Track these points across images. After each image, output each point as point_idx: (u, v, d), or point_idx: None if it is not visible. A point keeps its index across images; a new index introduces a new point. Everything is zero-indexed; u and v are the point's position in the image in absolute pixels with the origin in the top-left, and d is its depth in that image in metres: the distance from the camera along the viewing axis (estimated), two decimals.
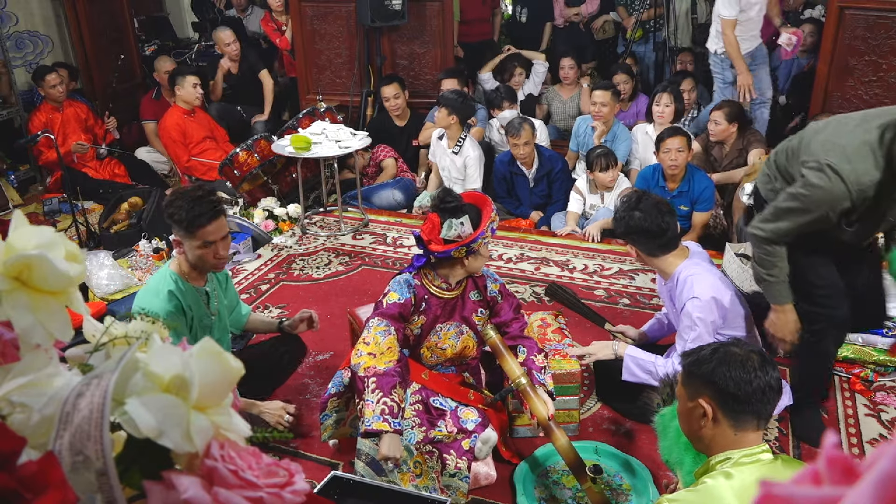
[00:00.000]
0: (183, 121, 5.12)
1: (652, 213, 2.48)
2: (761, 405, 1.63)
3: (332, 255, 4.34)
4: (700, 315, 2.44)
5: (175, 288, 2.44)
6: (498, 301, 2.54)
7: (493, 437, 2.44)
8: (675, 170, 4.10)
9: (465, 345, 2.54)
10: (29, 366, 0.58)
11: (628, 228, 2.53)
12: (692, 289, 2.45)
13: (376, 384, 2.20)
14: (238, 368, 0.59)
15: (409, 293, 2.41)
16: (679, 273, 2.52)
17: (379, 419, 2.15)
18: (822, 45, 4.68)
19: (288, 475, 0.58)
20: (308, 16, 5.75)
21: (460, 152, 4.74)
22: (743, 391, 1.62)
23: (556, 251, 4.29)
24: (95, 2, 6.11)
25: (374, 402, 2.18)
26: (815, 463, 0.38)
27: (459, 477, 2.36)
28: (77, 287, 0.62)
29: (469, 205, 2.37)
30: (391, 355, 2.28)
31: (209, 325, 2.58)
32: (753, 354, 1.67)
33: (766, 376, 1.63)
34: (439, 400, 2.47)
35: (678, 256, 2.55)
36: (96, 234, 4.47)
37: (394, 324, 2.35)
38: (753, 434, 1.65)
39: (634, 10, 6.44)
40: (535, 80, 6.10)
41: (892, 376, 3.04)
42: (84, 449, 0.50)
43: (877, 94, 4.52)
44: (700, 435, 1.68)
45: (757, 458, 1.62)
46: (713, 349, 1.71)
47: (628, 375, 2.59)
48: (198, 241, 2.40)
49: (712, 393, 1.65)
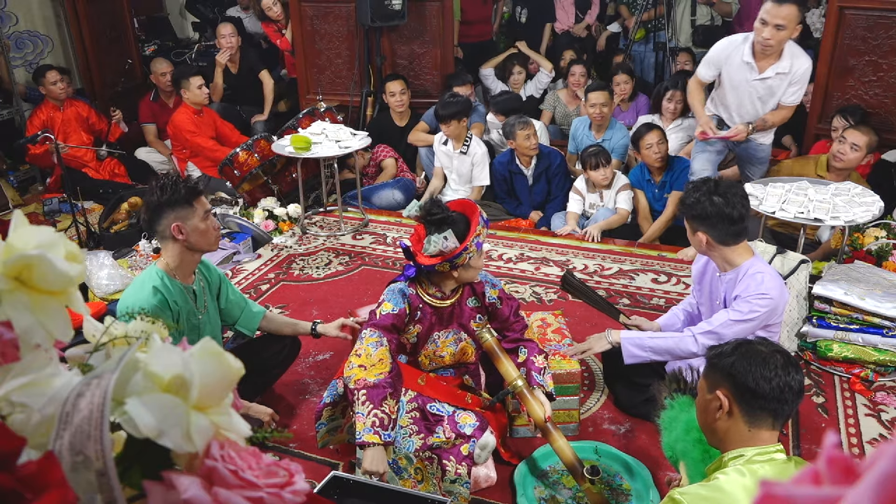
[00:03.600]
0: (193, 119, 5.13)
1: (733, 199, 2.41)
2: (778, 404, 1.62)
3: (332, 255, 4.34)
4: (761, 311, 2.40)
5: (160, 284, 2.44)
6: (497, 307, 2.52)
7: (491, 442, 2.43)
8: (660, 162, 4.31)
9: (464, 351, 2.54)
10: (29, 366, 0.58)
11: (706, 213, 2.42)
12: (762, 285, 2.40)
13: (367, 396, 2.18)
14: (238, 368, 0.59)
15: (404, 303, 2.39)
16: (748, 267, 2.46)
17: (370, 431, 2.13)
18: (822, 45, 4.68)
19: (288, 475, 0.58)
20: (308, 16, 5.75)
21: (468, 151, 4.75)
22: (761, 388, 1.61)
23: (556, 251, 4.29)
24: (95, 2, 6.10)
25: (364, 414, 2.16)
26: (815, 463, 0.38)
27: (460, 483, 2.35)
28: (77, 287, 0.62)
29: (458, 215, 2.33)
30: (382, 367, 2.25)
31: (197, 323, 2.57)
32: (778, 354, 1.66)
33: (787, 377, 1.62)
34: (436, 406, 2.46)
35: (747, 250, 2.51)
36: (96, 234, 4.47)
37: (386, 335, 2.33)
38: (768, 433, 1.65)
39: (636, 10, 6.45)
40: (537, 85, 6.11)
41: (892, 376, 3.04)
42: (84, 449, 0.50)
43: (877, 94, 4.52)
44: (714, 427, 1.68)
45: (771, 456, 1.61)
46: (737, 344, 1.70)
47: (629, 358, 2.59)
48: (201, 210, 2.44)
49: (730, 386, 1.65)
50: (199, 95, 5.09)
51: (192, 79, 5.06)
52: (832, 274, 3.27)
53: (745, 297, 2.42)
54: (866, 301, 3.03)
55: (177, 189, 2.40)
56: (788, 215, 3.37)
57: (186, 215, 2.42)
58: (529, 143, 4.53)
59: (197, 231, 2.44)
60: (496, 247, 4.37)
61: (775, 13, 3.45)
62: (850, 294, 3.07)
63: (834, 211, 3.35)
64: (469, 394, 2.56)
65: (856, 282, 3.18)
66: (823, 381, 3.06)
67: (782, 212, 3.38)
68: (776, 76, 3.65)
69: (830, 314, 3.12)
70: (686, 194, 2.52)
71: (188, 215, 2.42)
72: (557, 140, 5.48)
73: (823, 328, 3.13)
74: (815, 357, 3.15)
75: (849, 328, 3.08)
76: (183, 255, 2.49)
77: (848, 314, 3.08)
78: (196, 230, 2.44)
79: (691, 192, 2.50)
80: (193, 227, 2.43)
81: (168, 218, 2.42)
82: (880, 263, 3.63)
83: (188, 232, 2.43)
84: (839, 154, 3.91)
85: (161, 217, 2.42)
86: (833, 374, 3.09)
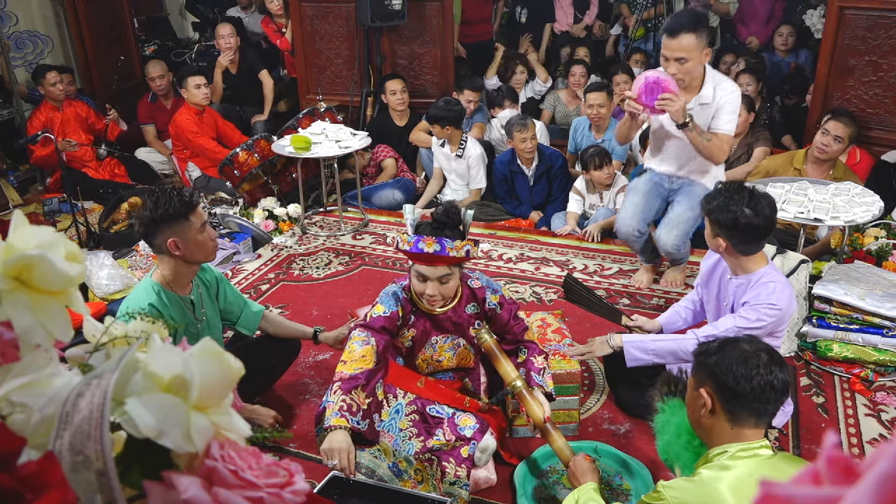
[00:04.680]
0: (195, 119, 5.12)
1: (764, 213, 2.36)
2: (759, 403, 1.64)
3: (332, 255, 4.34)
4: (768, 321, 2.39)
5: (157, 300, 2.37)
6: (497, 312, 2.50)
7: (491, 445, 2.43)
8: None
9: (463, 357, 2.53)
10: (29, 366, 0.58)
11: (734, 224, 2.36)
12: (772, 295, 2.38)
13: (338, 386, 2.21)
14: (238, 368, 0.59)
15: (396, 306, 2.39)
16: (761, 275, 2.44)
17: (337, 415, 2.14)
18: (823, 45, 4.68)
19: (288, 475, 0.58)
20: (308, 16, 5.75)
21: (464, 154, 4.76)
22: (741, 387, 1.63)
23: (556, 251, 4.29)
24: (95, 2, 6.11)
25: (334, 402, 2.19)
26: (815, 463, 0.38)
27: (459, 485, 2.35)
28: (77, 287, 0.62)
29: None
30: (363, 363, 2.26)
31: (196, 332, 2.53)
32: (762, 352, 1.67)
33: (770, 375, 1.64)
34: (435, 408, 2.45)
35: (762, 257, 2.49)
36: (96, 234, 4.47)
37: (374, 335, 2.33)
38: (751, 431, 1.67)
39: (636, 8, 6.46)
40: (535, 87, 6.12)
41: (892, 376, 3.04)
42: (84, 449, 0.50)
43: (877, 94, 4.52)
44: (701, 424, 1.73)
45: (755, 452, 1.64)
46: (723, 342, 1.73)
47: (632, 361, 2.58)
48: (197, 222, 2.36)
49: (713, 385, 1.68)
50: (198, 96, 5.08)
51: (189, 78, 5.06)
52: (832, 274, 3.27)
53: (754, 304, 2.40)
54: (866, 301, 3.03)
55: (171, 203, 2.29)
56: (788, 215, 3.37)
57: (182, 230, 2.33)
58: (525, 145, 4.53)
59: (194, 244, 2.37)
60: (496, 247, 4.37)
61: (673, 47, 3.14)
62: (849, 294, 3.07)
63: (834, 211, 3.36)
64: (468, 398, 2.56)
65: (856, 282, 3.18)
66: (823, 381, 3.06)
67: (782, 212, 3.38)
68: (699, 107, 3.30)
69: (830, 314, 3.12)
70: (714, 195, 2.44)
71: (184, 230, 2.34)
72: (557, 140, 5.48)
73: (823, 328, 3.13)
74: (815, 357, 3.15)
75: (849, 328, 3.08)
76: (179, 267, 2.43)
77: (848, 314, 3.08)
78: (193, 243, 2.36)
79: (720, 196, 2.42)
80: (191, 241, 2.36)
81: (164, 233, 2.33)
82: (880, 263, 3.64)
83: (184, 246, 2.35)
84: (822, 146, 3.94)
85: (157, 232, 2.33)
86: (833, 374, 3.09)
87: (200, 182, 5.07)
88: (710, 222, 2.46)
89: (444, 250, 2.21)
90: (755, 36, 6.49)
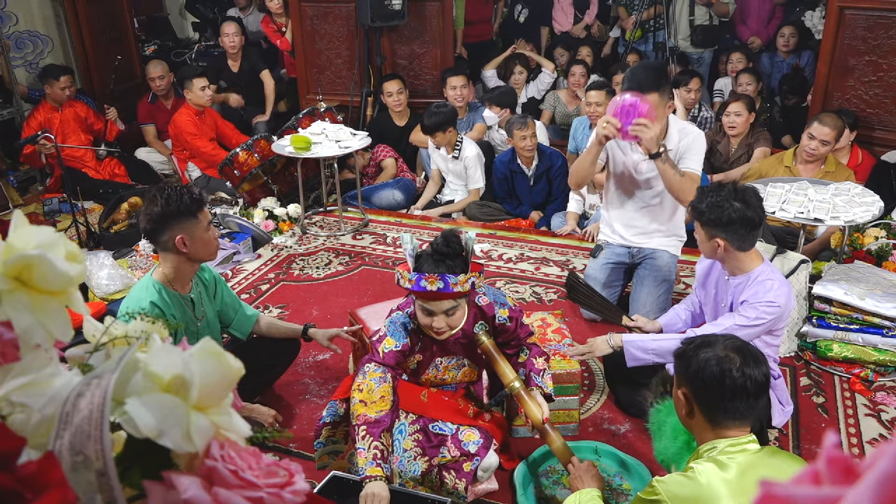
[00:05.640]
0: (194, 120, 5.12)
1: (754, 204, 2.35)
2: (731, 403, 1.67)
3: (332, 255, 4.34)
4: (767, 319, 2.39)
5: (158, 298, 2.38)
6: (507, 325, 2.43)
7: (494, 464, 2.41)
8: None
9: (466, 374, 2.52)
10: (29, 366, 0.58)
11: (728, 220, 2.33)
12: (770, 292, 2.37)
13: (366, 431, 2.16)
14: (238, 368, 0.59)
15: (406, 338, 2.32)
16: (759, 274, 2.43)
17: (372, 464, 2.11)
18: (823, 45, 4.68)
19: (288, 475, 0.58)
20: (308, 16, 5.75)
21: (460, 156, 4.76)
22: (714, 391, 1.66)
23: (556, 251, 4.30)
24: (95, 2, 6.11)
25: (365, 448, 2.14)
26: (814, 463, 0.38)
27: (457, 496, 2.34)
28: (77, 287, 0.62)
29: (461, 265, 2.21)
30: (383, 404, 2.21)
31: (196, 331, 2.54)
32: (734, 353, 1.68)
33: (742, 378, 1.65)
34: (439, 425, 2.43)
35: (758, 255, 2.49)
36: (96, 234, 4.47)
37: (391, 371, 2.28)
38: (734, 430, 1.70)
39: (634, 10, 6.46)
40: (538, 86, 6.11)
41: (892, 376, 3.04)
42: (84, 449, 0.50)
43: (877, 94, 4.52)
44: (686, 423, 1.77)
45: (744, 447, 1.67)
46: (698, 344, 1.74)
47: (632, 361, 2.59)
48: (205, 221, 2.40)
49: (689, 387, 1.70)
50: (202, 97, 5.08)
51: (195, 80, 5.06)
52: (832, 274, 3.27)
53: (752, 303, 2.40)
54: (866, 301, 3.03)
55: (182, 200, 2.32)
56: (788, 215, 3.37)
57: (191, 227, 2.36)
58: (525, 143, 4.53)
59: (201, 241, 2.39)
60: (496, 247, 4.37)
61: None
62: (850, 294, 3.07)
63: (834, 211, 3.36)
64: (472, 405, 2.54)
65: (856, 282, 3.18)
66: (823, 381, 3.06)
67: (782, 212, 3.38)
68: None
69: (830, 314, 3.12)
70: (699, 199, 2.42)
71: (193, 227, 2.37)
72: (557, 140, 5.48)
73: (823, 328, 3.13)
74: (815, 357, 3.16)
75: (849, 328, 3.08)
76: (182, 265, 2.45)
77: (848, 314, 3.09)
78: (200, 241, 2.39)
79: (707, 197, 2.39)
80: (198, 238, 2.38)
81: (172, 230, 2.35)
82: (880, 263, 3.63)
83: (191, 243, 2.38)
84: (811, 150, 3.98)
85: (164, 229, 2.34)
86: (833, 374, 3.09)
87: (200, 182, 5.07)
88: (703, 226, 2.43)
89: (448, 287, 2.13)
90: (756, 36, 6.49)
